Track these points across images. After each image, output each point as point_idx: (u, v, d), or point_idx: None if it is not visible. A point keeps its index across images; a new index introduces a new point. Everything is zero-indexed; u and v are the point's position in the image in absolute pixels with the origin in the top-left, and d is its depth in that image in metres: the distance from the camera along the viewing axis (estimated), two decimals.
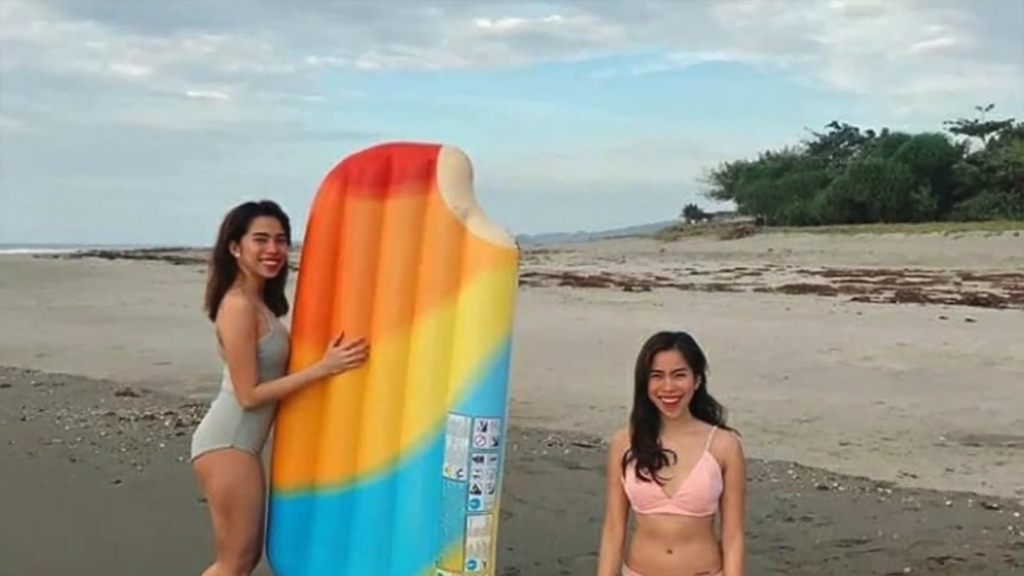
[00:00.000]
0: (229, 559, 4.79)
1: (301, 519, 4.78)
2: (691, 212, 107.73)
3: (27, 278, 45.76)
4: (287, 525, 4.79)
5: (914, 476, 9.49)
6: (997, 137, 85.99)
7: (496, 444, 4.48)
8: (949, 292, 34.19)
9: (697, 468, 4.19)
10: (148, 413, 12.22)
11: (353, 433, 4.73)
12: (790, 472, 9.61)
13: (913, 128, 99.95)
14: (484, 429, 4.44)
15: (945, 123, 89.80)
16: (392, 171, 4.79)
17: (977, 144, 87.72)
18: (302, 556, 4.80)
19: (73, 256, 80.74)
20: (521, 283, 4.88)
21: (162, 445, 10.50)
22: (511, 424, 6.54)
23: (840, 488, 9.07)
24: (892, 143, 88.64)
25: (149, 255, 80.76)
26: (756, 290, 36.95)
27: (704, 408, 4.33)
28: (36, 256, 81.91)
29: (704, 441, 4.24)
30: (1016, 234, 62.00)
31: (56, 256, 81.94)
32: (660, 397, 4.20)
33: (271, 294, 4.95)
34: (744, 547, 4.27)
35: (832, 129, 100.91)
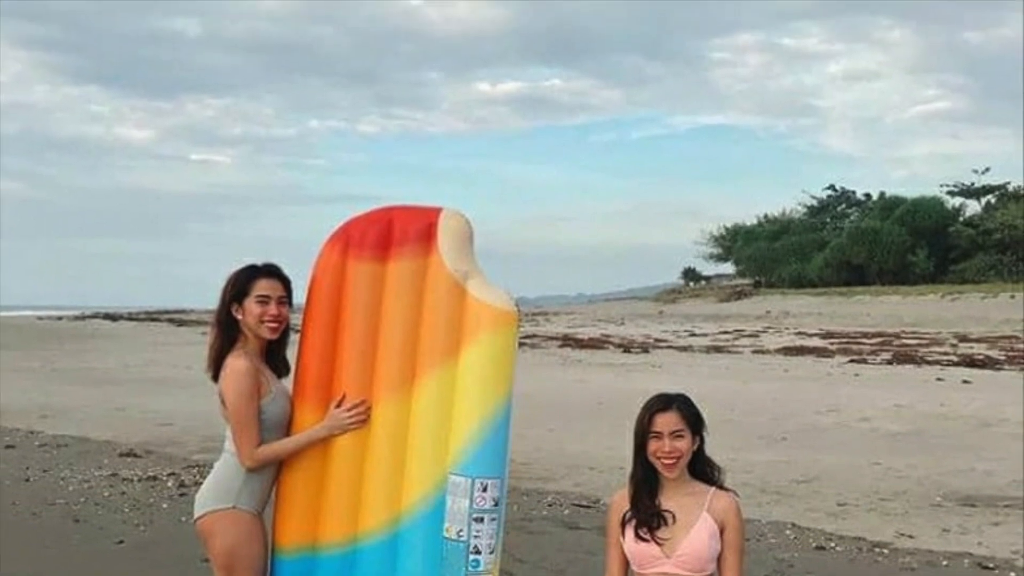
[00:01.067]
0: None
1: None
2: (690, 274, 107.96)
3: (31, 340, 45.76)
4: None
5: (911, 536, 9.50)
6: (993, 200, 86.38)
7: (496, 504, 4.51)
8: (946, 354, 34.16)
9: (696, 528, 4.23)
10: (151, 474, 12.22)
11: (354, 493, 4.74)
12: (788, 532, 9.62)
13: (910, 191, 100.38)
14: (484, 490, 4.46)
15: (942, 186, 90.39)
16: (393, 234, 4.81)
17: (973, 207, 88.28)
18: None
19: (77, 318, 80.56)
20: (521, 345, 4.92)
21: (165, 506, 10.50)
22: (511, 484, 6.56)
23: (837, 548, 9.07)
24: (889, 206, 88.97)
25: (152, 317, 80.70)
26: (754, 352, 36.96)
27: (703, 469, 4.38)
28: (40, 318, 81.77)
29: (703, 501, 4.29)
30: (1012, 296, 62.06)
31: (60, 318, 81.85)
32: (659, 458, 4.26)
33: (273, 356, 4.98)
34: None
35: (829, 192, 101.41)
